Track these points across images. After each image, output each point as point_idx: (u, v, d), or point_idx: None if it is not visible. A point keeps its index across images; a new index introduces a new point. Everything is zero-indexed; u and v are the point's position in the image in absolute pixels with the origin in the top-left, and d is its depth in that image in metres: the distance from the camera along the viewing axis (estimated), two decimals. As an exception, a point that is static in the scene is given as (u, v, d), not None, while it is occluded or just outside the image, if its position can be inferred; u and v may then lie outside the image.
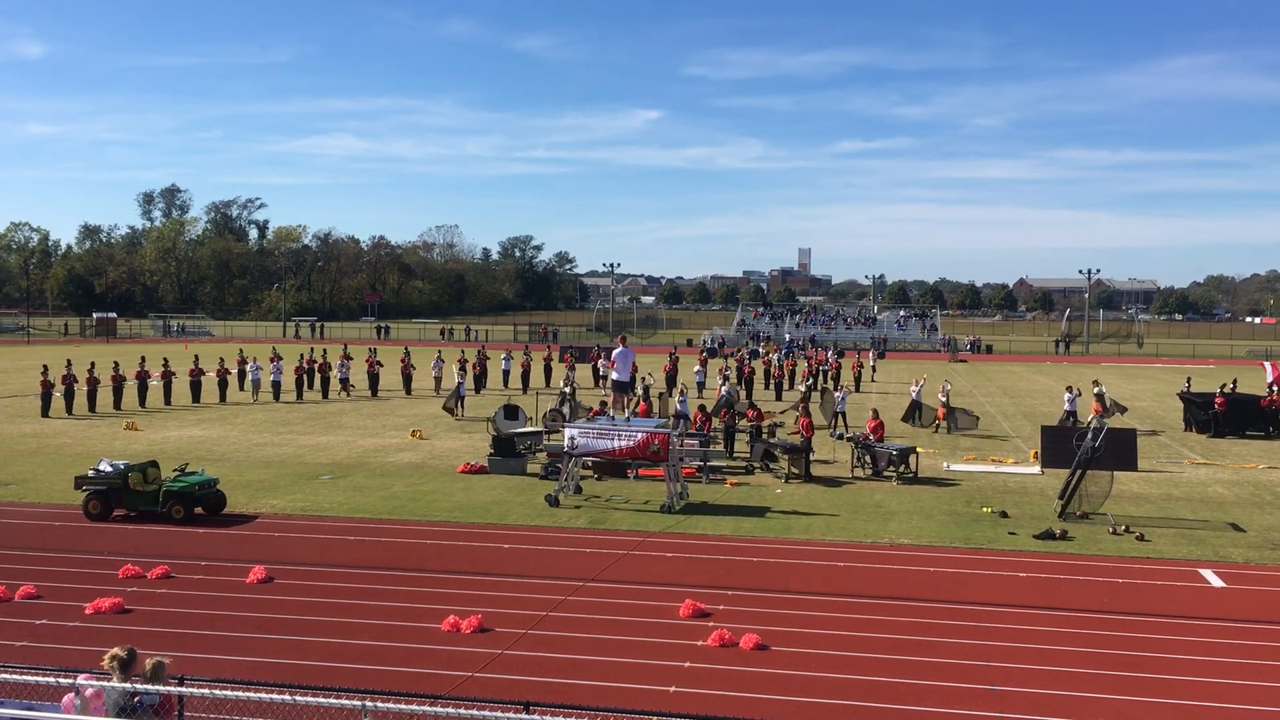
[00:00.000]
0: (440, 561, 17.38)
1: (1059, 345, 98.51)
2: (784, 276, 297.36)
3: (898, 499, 23.02)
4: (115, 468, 20.43)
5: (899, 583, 16.38)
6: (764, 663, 12.78)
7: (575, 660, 12.78)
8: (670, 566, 17.23)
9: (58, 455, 27.53)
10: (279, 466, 26.24)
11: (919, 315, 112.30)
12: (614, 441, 21.68)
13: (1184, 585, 16.59)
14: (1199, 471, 27.40)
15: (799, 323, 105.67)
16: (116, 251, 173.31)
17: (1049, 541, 19.16)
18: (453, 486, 23.91)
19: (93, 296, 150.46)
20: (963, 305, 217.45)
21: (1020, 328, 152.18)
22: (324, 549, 18.13)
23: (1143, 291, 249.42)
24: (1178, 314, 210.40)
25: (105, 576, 16.11)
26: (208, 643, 13.23)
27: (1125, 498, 23.11)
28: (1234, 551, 18.64)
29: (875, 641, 13.57)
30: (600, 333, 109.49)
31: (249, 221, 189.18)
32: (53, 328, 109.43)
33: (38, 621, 14.01)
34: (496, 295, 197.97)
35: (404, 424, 34.41)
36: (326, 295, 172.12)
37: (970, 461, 28.33)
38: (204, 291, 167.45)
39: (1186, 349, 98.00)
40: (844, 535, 19.54)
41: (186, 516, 19.90)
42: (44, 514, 20.64)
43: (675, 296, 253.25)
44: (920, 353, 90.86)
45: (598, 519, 20.67)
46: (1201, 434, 34.34)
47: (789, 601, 15.26)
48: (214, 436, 31.32)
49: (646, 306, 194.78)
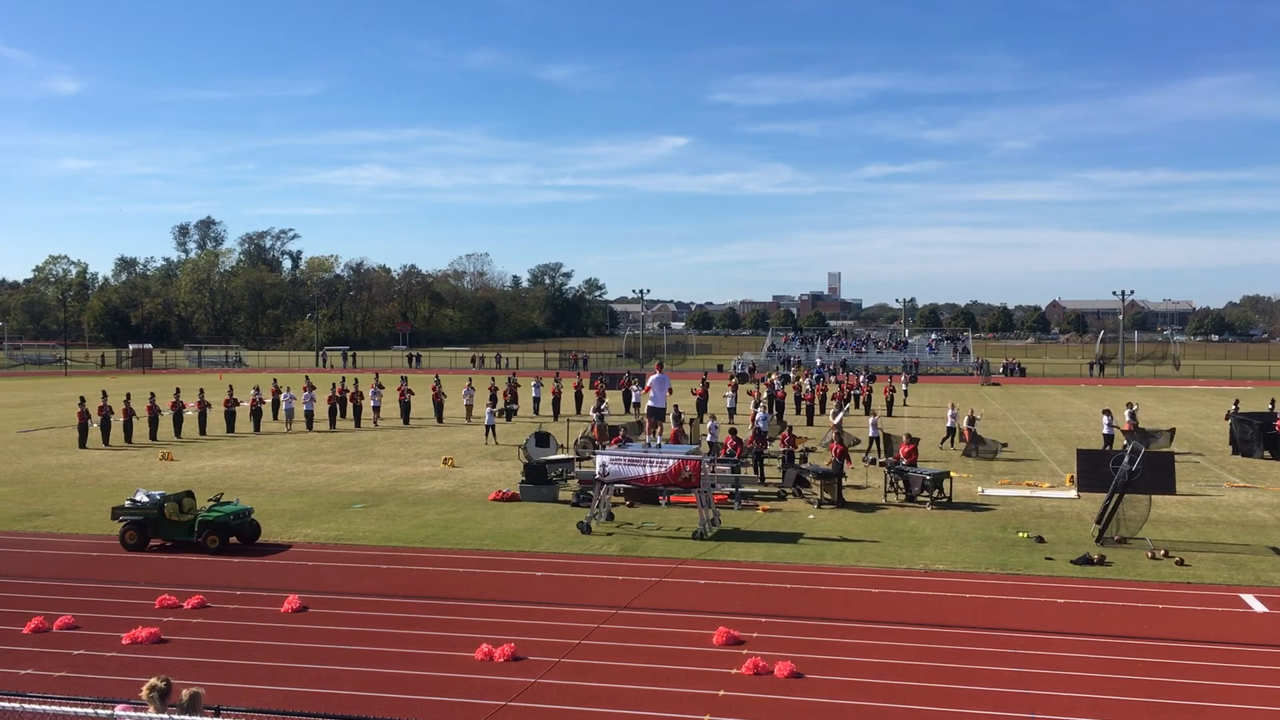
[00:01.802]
0: (473, 590, 17.39)
1: (1093, 368, 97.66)
2: (814, 301, 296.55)
3: (932, 524, 22.83)
4: (151, 498, 20.62)
5: (934, 609, 16.22)
6: (799, 691, 12.67)
7: (609, 689, 12.73)
8: (703, 594, 17.15)
9: (95, 486, 27.83)
10: (312, 495, 26.39)
11: (951, 338, 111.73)
12: (645, 468, 21.65)
13: (1225, 610, 16.33)
14: (1238, 495, 27.00)
15: (829, 347, 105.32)
16: (152, 283, 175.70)
17: (1086, 566, 18.92)
18: (485, 514, 23.94)
19: (129, 328, 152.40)
20: (995, 328, 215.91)
21: (1054, 350, 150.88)
22: (357, 577, 18.19)
23: (1177, 313, 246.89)
24: (1214, 335, 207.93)
25: (142, 606, 16.23)
26: (243, 672, 13.29)
27: (1164, 522, 22.80)
28: (1276, 576, 18.32)
29: (911, 669, 13.43)
30: (630, 359, 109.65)
31: (282, 252, 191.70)
32: (90, 359, 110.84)
33: (75, 652, 14.13)
34: (527, 322, 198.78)
35: (436, 452, 34.54)
36: (358, 324, 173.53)
37: (1005, 486, 28.06)
38: (238, 322, 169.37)
39: (1223, 370, 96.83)
40: (878, 561, 19.38)
41: (222, 546, 20.04)
42: (81, 544, 20.85)
43: (705, 322, 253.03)
44: (953, 376, 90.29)
45: (630, 546, 20.62)
46: (1255, 456, 33.51)
47: (823, 629, 15.14)
48: (248, 466, 31.56)
49: (676, 332, 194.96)
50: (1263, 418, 34.93)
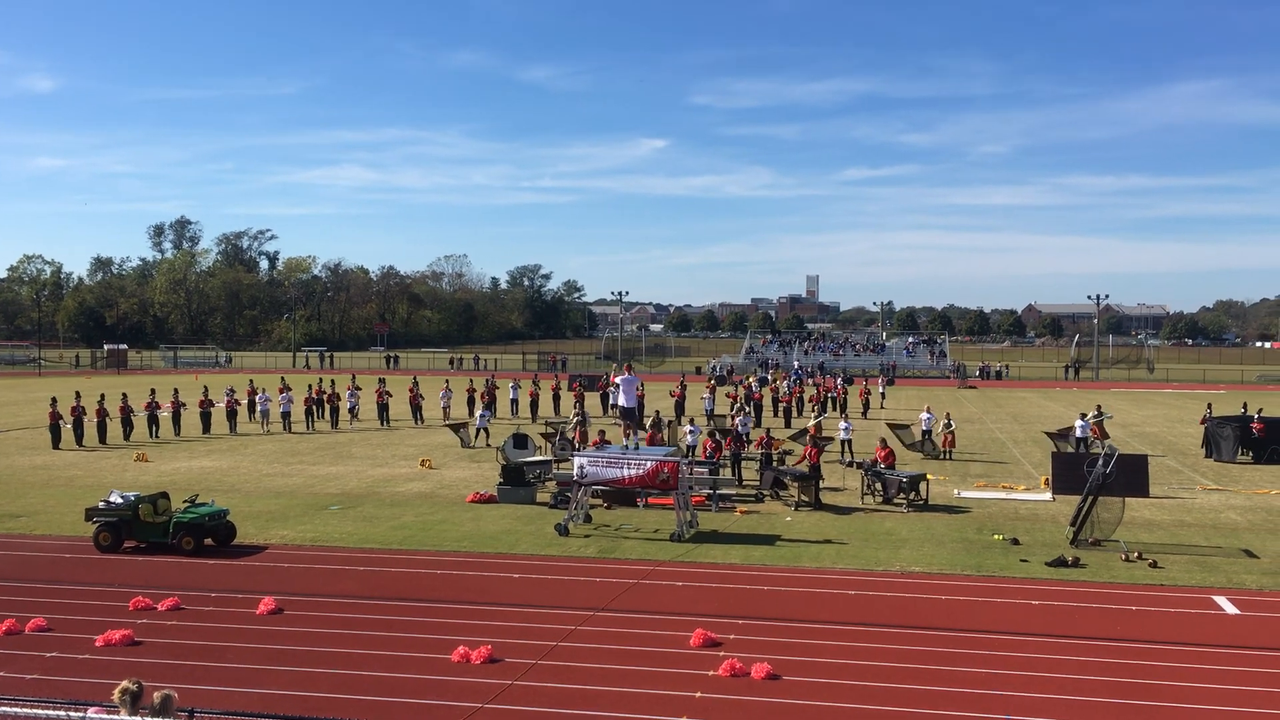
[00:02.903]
0: (450, 592, 17.35)
1: (1069, 371, 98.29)
2: (792, 304, 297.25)
3: (908, 526, 22.94)
4: (126, 499, 20.47)
5: (910, 611, 16.30)
6: (775, 692, 12.71)
7: (586, 691, 12.73)
8: (680, 595, 17.17)
9: (68, 487, 27.60)
10: (288, 497, 26.26)
11: (928, 342, 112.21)
12: (623, 470, 21.67)
13: (1197, 612, 16.48)
14: (1211, 497, 27.26)
15: (807, 350, 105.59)
16: (128, 283, 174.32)
17: (1061, 569, 19.06)
18: (462, 516, 23.90)
19: (104, 328, 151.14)
20: (971, 331, 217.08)
21: (1029, 353, 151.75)
22: (333, 579, 18.12)
23: (1152, 317, 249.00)
24: (1187, 339, 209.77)
25: (115, 609, 16.11)
26: (218, 675, 13.21)
27: (1137, 524, 22.99)
28: (1247, 578, 18.52)
29: (887, 670, 13.49)
30: (609, 361, 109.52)
31: (259, 253, 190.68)
32: (64, 359, 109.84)
33: (48, 654, 14.01)
34: (505, 324, 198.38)
35: (413, 454, 34.44)
36: (336, 325, 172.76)
37: (981, 488, 28.23)
38: (214, 322, 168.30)
39: (1197, 374, 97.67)
40: (855, 563, 19.46)
41: (196, 548, 19.91)
42: (54, 546, 20.67)
43: (683, 324, 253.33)
44: (929, 379, 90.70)
45: (607, 548, 20.63)
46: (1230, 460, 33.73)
47: (800, 630, 15.19)
48: (224, 467, 31.38)
49: (655, 334, 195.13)
50: (1240, 420, 35.25)
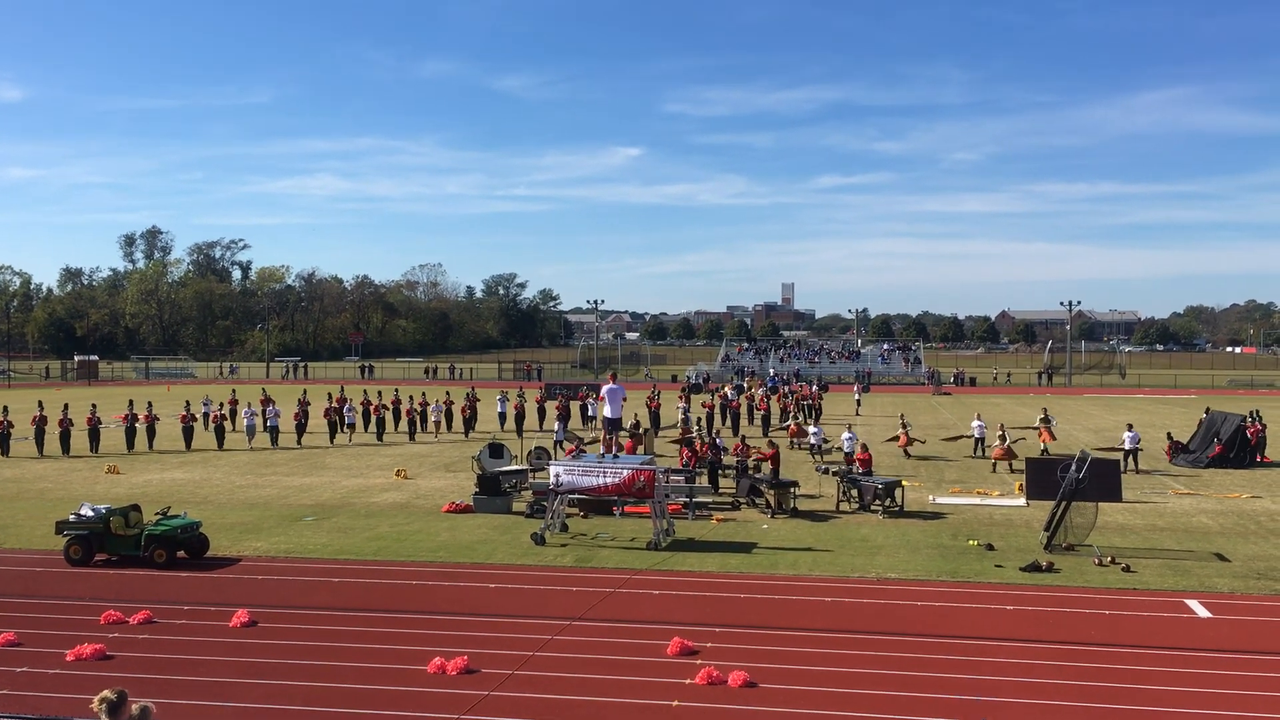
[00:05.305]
0: (425, 602, 17.26)
1: (1042, 377, 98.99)
2: (768, 311, 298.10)
3: (884, 533, 23.01)
4: (97, 512, 20.25)
5: (886, 617, 16.35)
6: (753, 700, 12.71)
7: (563, 700, 12.69)
8: (657, 604, 17.15)
9: (38, 500, 27.30)
10: (262, 508, 26.07)
11: (902, 349, 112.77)
12: (599, 478, 21.63)
13: (1170, 616, 16.61)
14: (1183, 502, 27.49)
15: (783, 357, 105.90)
16: (98, 294, 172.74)
17: (1035, 574, 19.17)
18: (438, 526, 23.79)
19: (74, 339, 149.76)
20: (945, 338, 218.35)
21: (1003, 360, 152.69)
22: (308, 591, 17.99)
23: (1123, 323, 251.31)
24: (1159, 344, 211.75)
25: (87, 622, 15.92)
26: (191, 688, 13.08)
27: (1111, 529, 23.16)
28: (1219, 582, 18.68)
29: (864, 677, 13.52)
30: (585, 369, 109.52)
31: (232, 262, 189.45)
32: (34, 371, 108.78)
33: (18, 669, 13.83)
34: (481, 333, 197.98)
35: (388, 464, 34.27)
36: (310, 335, 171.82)
37: (956, 494, 28.37)
38: (186, 333, 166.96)
39: (1168, 379, 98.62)
40: (831, 570, 19.51)
41: (169, 560, 19.71)
42: (24, 560, 20.43)
43: (659, 332, 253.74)
44: (905, 386, 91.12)
45: (584, 557, 20.58)
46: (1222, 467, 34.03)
47: (777, 638, 15.20)
48: (196, 479, 31.12)
49: (631, 343, 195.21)
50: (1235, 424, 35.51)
